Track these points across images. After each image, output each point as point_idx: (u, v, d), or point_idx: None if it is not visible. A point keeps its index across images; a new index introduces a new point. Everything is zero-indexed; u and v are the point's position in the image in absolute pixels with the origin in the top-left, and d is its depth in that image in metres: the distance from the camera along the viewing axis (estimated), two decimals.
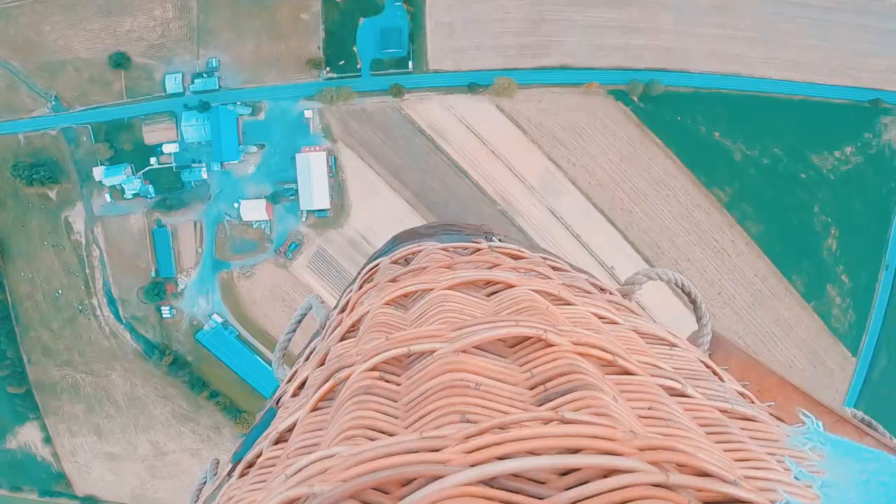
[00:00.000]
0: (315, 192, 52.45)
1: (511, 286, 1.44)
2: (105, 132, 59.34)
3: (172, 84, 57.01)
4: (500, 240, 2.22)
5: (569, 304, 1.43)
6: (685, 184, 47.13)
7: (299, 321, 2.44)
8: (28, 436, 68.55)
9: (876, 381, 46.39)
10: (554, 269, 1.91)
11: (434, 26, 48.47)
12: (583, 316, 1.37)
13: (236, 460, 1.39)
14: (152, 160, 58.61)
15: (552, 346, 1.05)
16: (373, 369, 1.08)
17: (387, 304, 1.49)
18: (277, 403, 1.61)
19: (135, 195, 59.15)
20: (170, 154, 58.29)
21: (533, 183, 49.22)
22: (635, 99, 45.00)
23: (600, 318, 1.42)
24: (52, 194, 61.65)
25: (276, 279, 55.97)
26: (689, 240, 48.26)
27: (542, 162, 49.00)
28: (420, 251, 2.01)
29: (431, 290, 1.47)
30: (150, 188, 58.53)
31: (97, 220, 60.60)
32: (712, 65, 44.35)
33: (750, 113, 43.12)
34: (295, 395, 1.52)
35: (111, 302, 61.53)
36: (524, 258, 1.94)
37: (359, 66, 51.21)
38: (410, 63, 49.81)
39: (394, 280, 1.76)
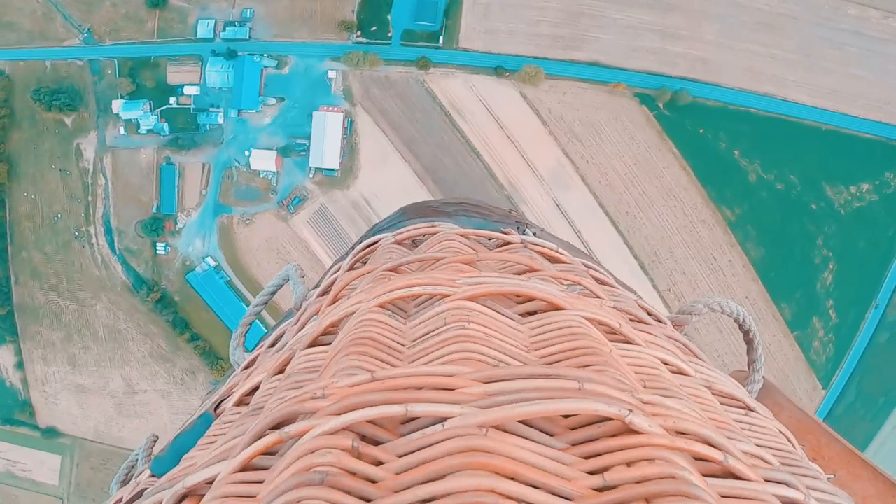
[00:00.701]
0: (326, 150, 52.35)
1: (557, 307, 1.06)
2: (130, 68, 59.61)
3: (204, 29, 57.18)
4: (534, 234, 1.86)
5: (629, 341, 1.09)
6: (694, 197, 46.84)
7: (273, 293, 2.17)
8: (1, 359, 67.91)
9: (839, 415, 46.60)
10: (598, 281, 1.51)
11: (471, 4, 48.33)
12: (649, 364, 1.04)
13: (158, 471, 1.12)
14: (172, 100, 58.92)
15: (636, 433, 0.71)
16: (345, 429, 0.74)
17: (381, 305, 1.10)
18: (216, 410, 1.24)
19: (149, 131, 59.57)
20: (190, 96, 58.68)
21: (543, 173, 48.97)
22: (661, 105, 44.69)
23: (666, 364, 1.08)
24: (69, 121, 62.06)
25: (274, 230, 55.71)
26: (687, 253, 47.97)
27: (556, 154, 48.73)
28: (433, 233, 1.65)
29: (447, 296, 1.08)
30: (165, 126, 58.86)
31: (108, 150, 60.67)
32: (746, 82, 44.03)
33: (774, 136, 42.80)
34: (240, 403, 1.18)
35: (108, 232, 61.41)
36: (564, 263, 1.57)
37: (389, 35, 51.12)
38: (441, 38, 49.69)
39: (395, 269, 1.38)
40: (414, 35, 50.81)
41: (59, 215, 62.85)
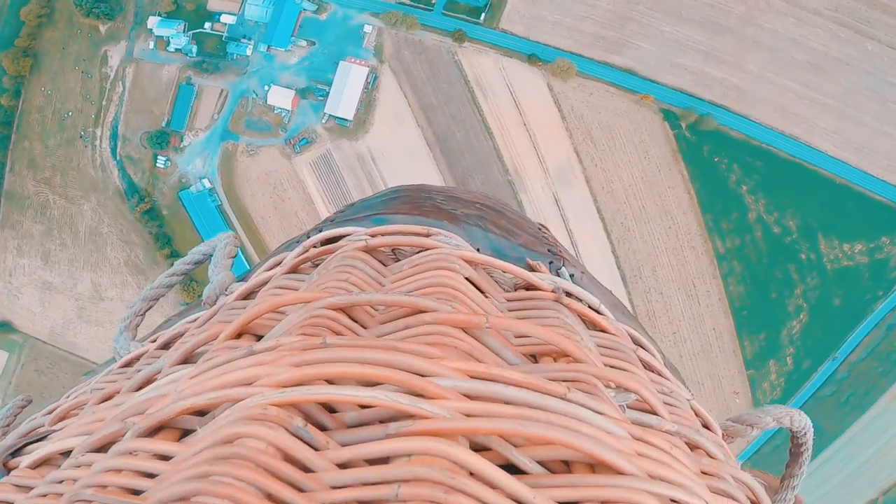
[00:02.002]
0: (345, 99, 52.19)
1: (614, 470, 0.63)
2: None
3: None
4: (571, 276, 1.29)
5: None
6: (690, 222, 46.57)
7: (186, 272, 1.64)
8: None
9: (766, 453, 46.65)
10: (646, 366, 1.11)
11: None
12: None
13: None
14: (207, 25, 59.15)
15: None
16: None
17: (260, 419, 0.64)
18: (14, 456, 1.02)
19: (177, 50, 59.91)
20: (225, 24, 59.10)
21: (550, 167, 48.68)
22: (683, 126, 44.59)
23: None
24: (103, 29, 62.43)
25: (275, 166, 55.32)
26: (669, 275, 47.68)
27: (567, 151, 48.47)
28: (426, 246, 1.13)
29: (415, 425, 0.65)
30: (194, 48, 59.06)
31: (133, 61, 60.63)
32: (775, 120, 43.90)
33: (786, 179, 42.87)
34: (63, 418, 1.03)
35: (114, 137, 61.29)
36: (606, 332, 1.12)
37: (434, 2, 51.02)
38: (483, 15, 49.52)
39: (319, 348, 0.72)
40: (457, 7, 50.84)
41: (70, 113, 62.77)
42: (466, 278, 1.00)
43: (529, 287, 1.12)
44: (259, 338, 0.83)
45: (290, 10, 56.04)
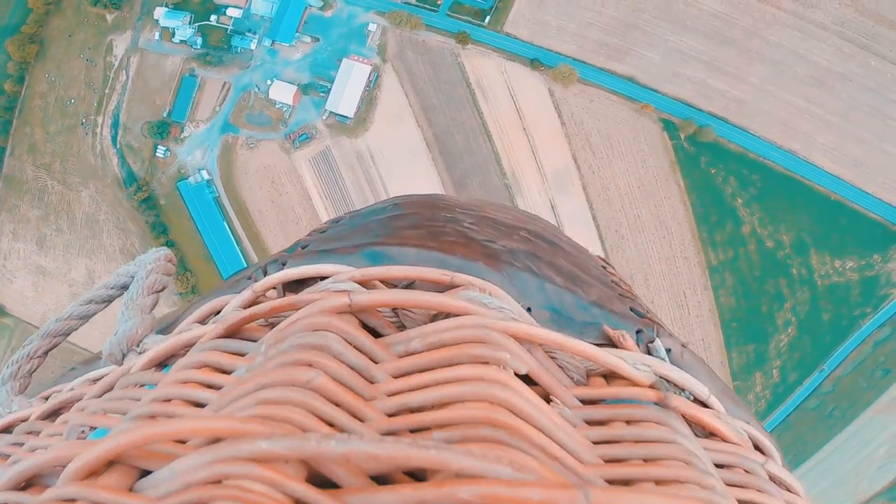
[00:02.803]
0: (346, 96, 52.07)
1: None
2: None
3: None
4: (668, 351, 0.92)
5: None
6: (684, 233, 46.42)
7: (107, 300, 1.28)
8: None
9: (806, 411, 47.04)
10: (773, 480, 0.89)
11: None
12: None
13: None
14: (213, 18, 59.18)
15: None
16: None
17: None
18: None
19: (182, 41, 59.96)
20: (231, 17, 58.94)
21: (547, 172, 48.54)
22: (682, 136, 44.45)
23: None
24: (110, 18, 62.45)
25: (274, 160, 55.10)
26: (661, 284, 47.56)
27: (565, 157, 48.34)
28: (450, 309, 0.74)
29: None
30: (199, 40, 59.01)
31: (138, 51, 60.52)
32: (775, 134, 43.85)
33: (782, 193, 42.87)
34: None
35: (115, 125, 61.16)
36: (722, 440, 0.82)
37: (439, 2, 51.05)
38: (488, 18, 49.38)
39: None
40: (462, 8, 50.81)
41: (73, 100, 62.62)
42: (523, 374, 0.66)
43: (611, 374, 0.75)
44: (143, 473, 0.51)
45: (296, 5, 55.95)
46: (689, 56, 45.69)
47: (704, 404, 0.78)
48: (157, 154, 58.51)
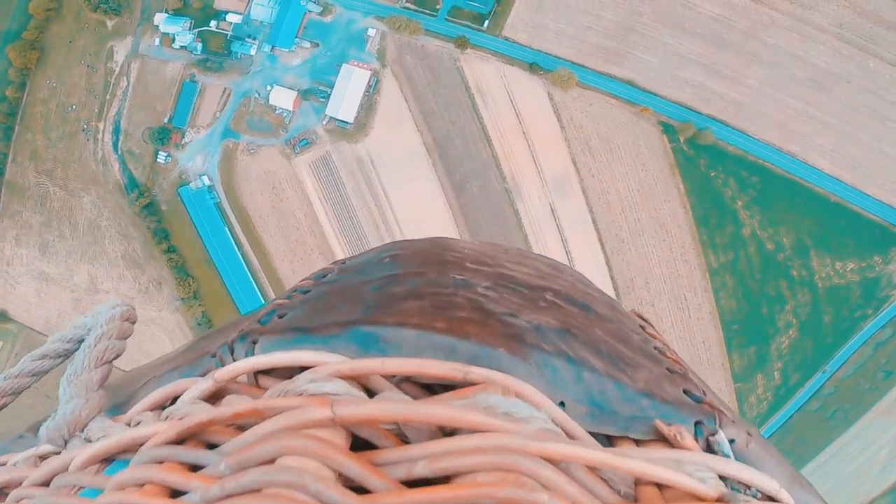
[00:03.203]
0: (346, 102, 52.01)
1: None
2: None
3: None
4: (731, 441, 0.78)
5: None
6: (685, 235, 46.31)
7: (64, 355, 1.13)
8: None
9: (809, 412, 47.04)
10: None
11: None
12: None
13: None
14: (213, 23, 59.06)
15: None
16: None
17: None
18: None
19: (182, 47, 59.86)
20: (230, 23, 59.05)
21: (547, 176, 48.45)
22: (681, 139, 44.46)
23: None
24: (110, 24, 62.47)
25: (275, 165, 55.07)
26: (661, 287, 47.50)
27: (565, 161, 48.23)
28: (469, 447, 0.56)
29: None
30: (199, 46, 58.98)
31: (139, 57, 60.49)
32: (774, 136, 43.75)
33: (782, 196, 42.80)
34: None
35: (116, 131, 61.18)
36: None
37: (438, 7, 50.93)
38: (486, 22, 49.25)
39: None
40: (461, 13, 50.68)
41: (74, 106, 62.65)
42: None
43: (663, 485, 0.61)
44: None
45: (295, 11, 55.83)
46: (688, 59, 45.52)
47: (773, 498, 0.67)
48: (158, 160, 58.45)
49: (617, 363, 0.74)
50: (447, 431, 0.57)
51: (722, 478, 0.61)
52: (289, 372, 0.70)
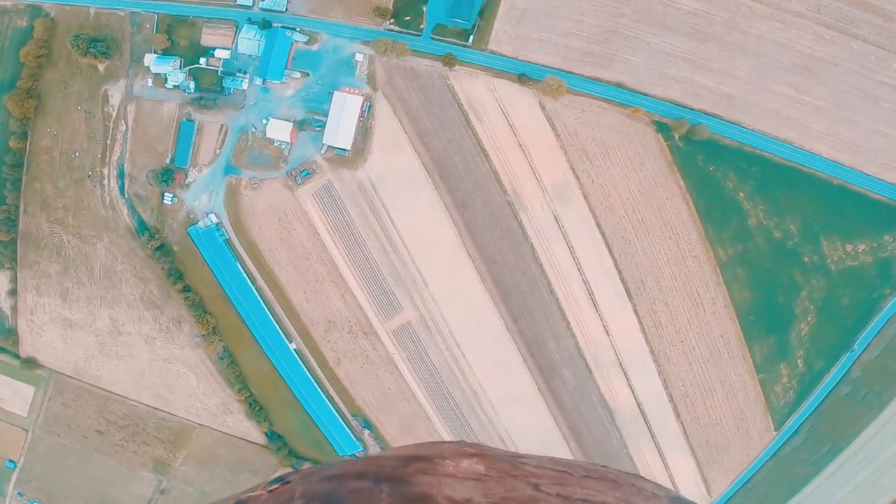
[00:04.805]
0: (342, 129, 51.77)
1: None
2: (168, 24, 60.05)
3: None
4: None
5: None
6: (691, 232, 45.91)
7: None
8: None
9: (785, 455, 47.79)
10: None
11: (508, 8, 47.56)
12: None
13: None
14: (202, 60, 58.99)
15: None
16: None
17: None
18: None
19: (175, 87, 59.83)
20: (219, 59, 59.03)
21: (547, 185, 48.12)
22: (676, 137, 44.20)
23: None
24: (101, 67, 62.45)
25: (279, 198, 55.05)
26: (673, 285, 47.21)
27: (563, 169, 47.88)
28: None
29: None
30: (191, 84, 58.73)
31: (133, 99, 60.58)
32: (768, 125, 43.30)
33: (783, 183, 42.60)
34: None
35: (121, 175, 61.53)
36: None
37: (422, 27, 50.40)
38: (471, 38, 48.77)
39: None
40: (445, 31, 50.21)
41: (77, 154, 62.89)
42: None
43: None
44: None
45: (282, 42, 55.35)
46: (673, 56, 44.98)
47: None
48: (164, 201, 58.51)
49: None
50: None
51: None
52: None
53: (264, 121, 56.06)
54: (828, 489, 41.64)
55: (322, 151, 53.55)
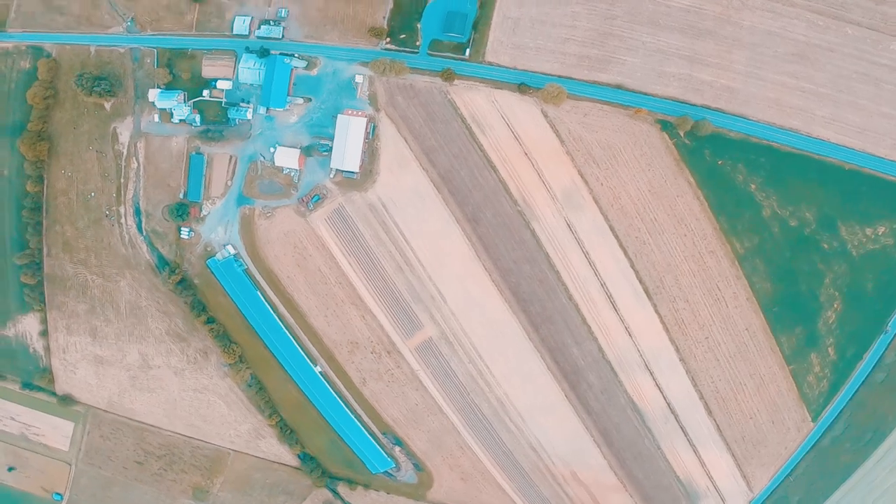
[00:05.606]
0: (348, 152, 51.84)
1: None
2: (168, 58, 60.70)
3: (240, 25, 57.35)
4: None
5: None
6: (705, 227, 45.43)
7: None
8: (28, 326, 70.87)
9: (825, 446, 46.82)
10: None
11: (501, 19, 47.30)
12: None
13: None
14: (205, 92, 59.29)
15: None
16: None
17: None
18: None
19: (181, 121, 60.35)
20: (222, 90, 59.41)
21: (557, 192, 47.79)
22: (681, 134, 43.65)
23: None
24: (108, 105, 63.38)
25: (293, 225, 55.25)
26: (692, 282, 46.80)
27: (571, 174, 47.49)
28: None
29: None
30: (197, 117, 59.14)
31: (142, 135, 61.20)
32: (772, 115, 42.68)
33: (794, 172, 41.77)
34: None
35: (137, 213, 62.16)
36: None
37: (418, 44, 50.20)
38: (468, 51, 48.54)
39: None
40: (441, 45, 50.12)
41: (93, 194, 63.78)
42: None
43: None
44: None
45: (282, 69, 55.69)
46: (670, 53, 44.54)
47: None
48: (182, 236, 59.33)
49: None
50: None
51: None
52: None
53: (272, 149, 56.44)
54: (874, 478, 41.01)
55: (331, 176, 53.75)
